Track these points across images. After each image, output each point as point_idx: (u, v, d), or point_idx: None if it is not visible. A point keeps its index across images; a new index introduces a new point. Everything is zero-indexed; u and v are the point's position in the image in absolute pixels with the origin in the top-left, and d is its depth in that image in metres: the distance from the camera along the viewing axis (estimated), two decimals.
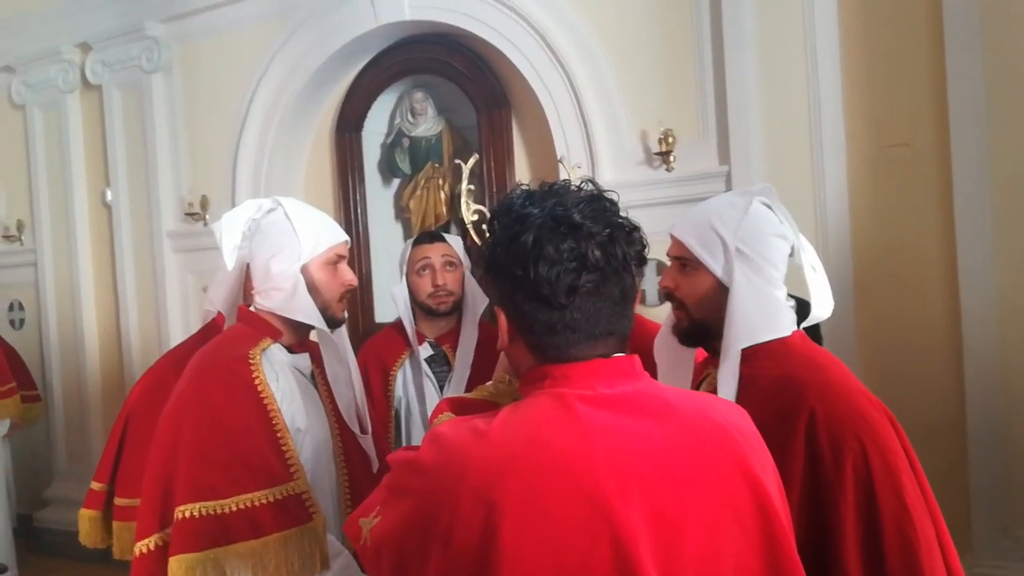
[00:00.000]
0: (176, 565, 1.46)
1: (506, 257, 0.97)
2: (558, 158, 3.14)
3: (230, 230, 1.76)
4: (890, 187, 2.82)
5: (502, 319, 1.02)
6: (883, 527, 1.19)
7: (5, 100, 4.92)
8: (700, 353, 1.55)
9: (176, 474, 1.52)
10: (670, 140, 3.14)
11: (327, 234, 1.74)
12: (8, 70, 4.85)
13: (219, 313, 1.89)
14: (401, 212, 4.19)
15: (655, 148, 3.18)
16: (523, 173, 3.67)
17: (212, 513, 1.47)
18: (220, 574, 1.47)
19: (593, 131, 3.32)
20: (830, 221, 2.87)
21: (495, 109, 3.70)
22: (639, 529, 0.85)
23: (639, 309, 2.20)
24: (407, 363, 2.31)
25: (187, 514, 1.48)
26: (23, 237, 4.97)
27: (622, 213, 1.00)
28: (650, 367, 1.52)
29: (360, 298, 4.02)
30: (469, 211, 2.71)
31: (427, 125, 4.05)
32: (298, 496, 1.55)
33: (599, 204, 0.97)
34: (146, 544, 1.52)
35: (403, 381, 2.31)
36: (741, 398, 1.30)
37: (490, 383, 1.20)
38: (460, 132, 4.02)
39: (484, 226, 2.47)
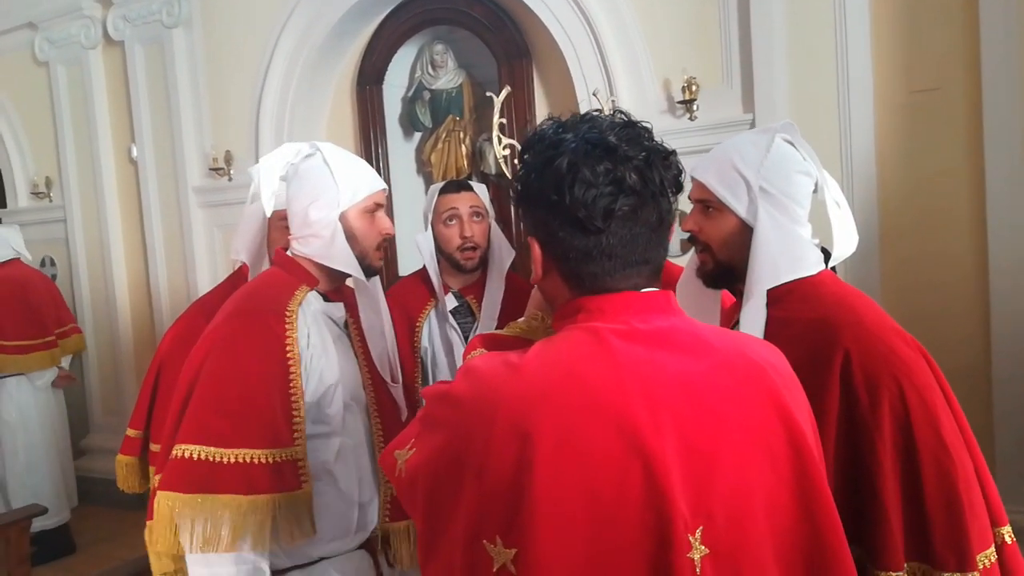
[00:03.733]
0: (164, 501, 1.49)
1: (540, 183, 0.95)
2: (592, 92, 3.09)
3: (268, 174, 1.76)
4: (918, 133, 2.77)
5: (535, 250, 1.00)
6: (921, 465, 1.19)
7: (28, 57, 4.94)
8: (727, 299, 1.54)
9: (186, 412, 1.54)
10: (693, 88, 3.09)
11: (366, 182, 1.72)
12: (31, 27, 4.86)
13: (244, 263, 1.91)
14: (422, 166, 4.19)
15: (678, 96, 3.14)
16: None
17: (209, 459, 1.49)
18: (203, 520, 1.48)
19: (615, 80, 3.28)
20: (856, 168, 2.83)
21: (516, 60, 3.65)
22: (671, 462, 0.85)
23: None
24: (432, 314, 2.31)
25: (184, 454, 1.50)
26: (52, 194, 5.05)
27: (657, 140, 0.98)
28: None
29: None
30: (500, 145, 2.69)
31: (447, 78, 4.02)
32: (294, 462, 1.55)
33: (633, 130, 0.96)
34: (159, 479, 1.56)
35: (429, 332, 2.31)
36: (772, 341, 1.27)
37: (522, 319, 1.19)
38: (481, 85, 3.99)
39: (515, 161, 2.45)
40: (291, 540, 1.55)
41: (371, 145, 4.08)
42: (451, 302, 2.30)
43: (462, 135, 3.99)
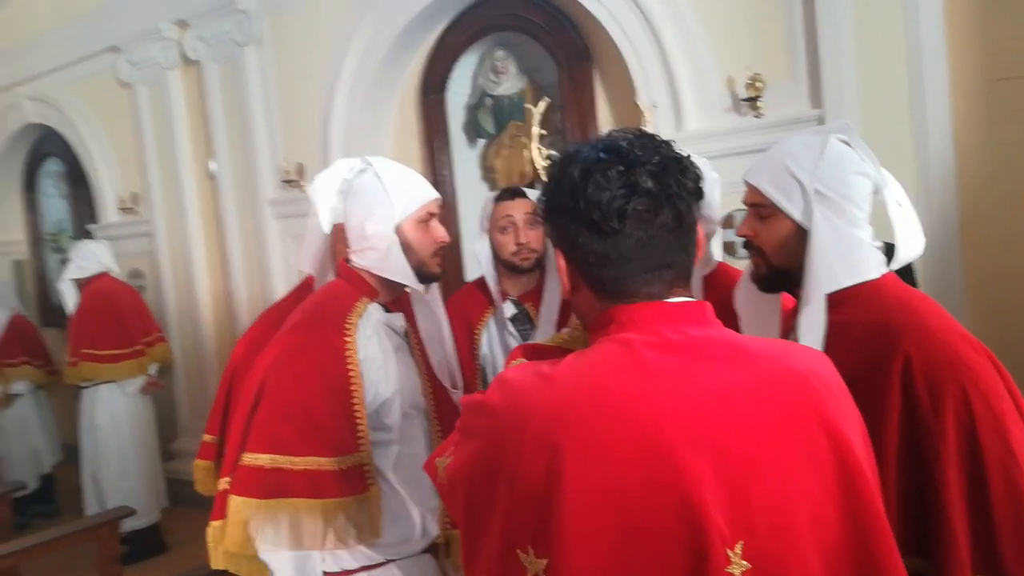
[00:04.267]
0: (237, 505, 1.57)
1: (558, 193, 0.98)
2: (635, 100, 3.09)
3: (324, 192, 1.81)
4: (999, 123, 2.63)
5: (560, 261, 1.02)
6: (988, 474, 1.14)
7: (112, 79, 5.20)
8: (789, 302, 1.51)
9: (254, 421, 1.61)
10: (758, 85, 3.02)
11: (418, 193, 1.77)
12: (114, 50, 5.12)
13: (310, 274, 1.97)
14: (487, 172, 4.23)
15: (742, 94, 3.07)
16: (606, 128, 3.63)
17: (279, 467, 1.57)
18: (274, 523, 1.56)
19: (677, 79, 3.24)
20: (933, 161, 2.71)
21: (576, 63, 3.65)
22: (705, 477, 0.84)
23: (729, 260, 2.18)
24: (491, 321, 2.34)
25: (255, 462, 1.58)
26: (138, 209, 5.30)
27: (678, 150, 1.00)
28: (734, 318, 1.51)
29: (448, 259, 4.09)
30: (541, 156, 2.70)
31: (509, 83, 4.05)
32: (360, 467, 1.62)
33: (649, 138, 0.98)
34: (226, 482, 1.64)
35: (488, 339, 2.34)
36: (831, 346, 1.25)
37: (566, 330, 1.20)
38: (543, 89, 3.99)
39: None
40: (359, 540, 1.61)
41: (435, 153, 4.14)
42: (510, 309, 2.33)
43: (525, 140, 4.01)
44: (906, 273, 2.30)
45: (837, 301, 1.30)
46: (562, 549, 0.84)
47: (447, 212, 4.13)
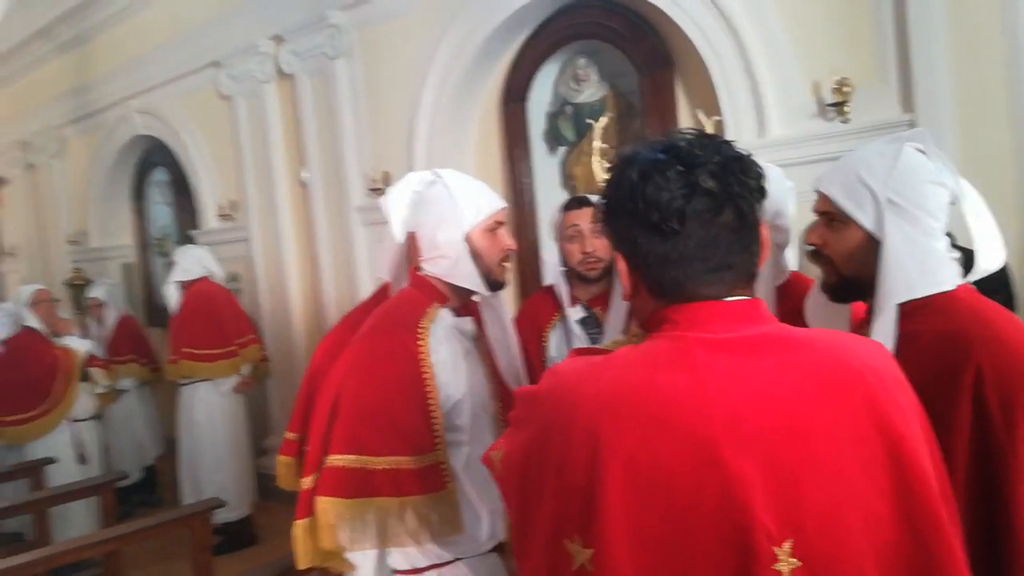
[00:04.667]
0: (325, 505, 1.64)
1: (617, 195, 0.99)
2: (693, 112, 3.06)
3: (396, 203, 1.90)
4: None
5: (620, 264, 1.02)
6: None
7: (214, 92, 5.49)
8: (859, 310, 1.48)
9: (335, 424, 1.68)
10: (845, 89, 2.93)
11: (486, 202, 1.83)
12: (215, 65, 5.39)
13: (386, 281, 2.05)
14: (567, 180, 4.25)
15: (828, 99, 2.98)
16: None
17: (362, 467, 1.63)
18: (361, 521, 1.63)
19: (760, 84, 3.18)
20: None
21: (657, 70, 3.63)
22: (751, 474, 0.84)
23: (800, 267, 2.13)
24: (559, 326, 2.37)
25: (339, 463, 1.64)
26: (236, 215, 5.57)
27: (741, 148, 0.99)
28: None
29: (527, 265, 4.14)
30: (603, 170, 2.72)
31: (590, 91, 4.05)
32: (437, 465, 1.67)
33: (709, 138, 0.97)
34: (309, 481, 1.71)
35: (556, 343, 2.37)
36: (901, 356, 1.20)
37: (624, 336, 1.22)
38: (624, 96, 3.99)
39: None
40: (438, 536, 1.67)
41: (515, 161, 4.19)
42: (578, 313, 2.35)
43: (606, 146, 4.01)
44: (1003, 284, 2.19)
45: (909, 311, 1.27)
46: (606, 540, 0.86)
47: (526, 219, 4.18)
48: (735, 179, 0.94)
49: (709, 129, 3.14)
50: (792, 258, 2.02)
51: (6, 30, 7.19)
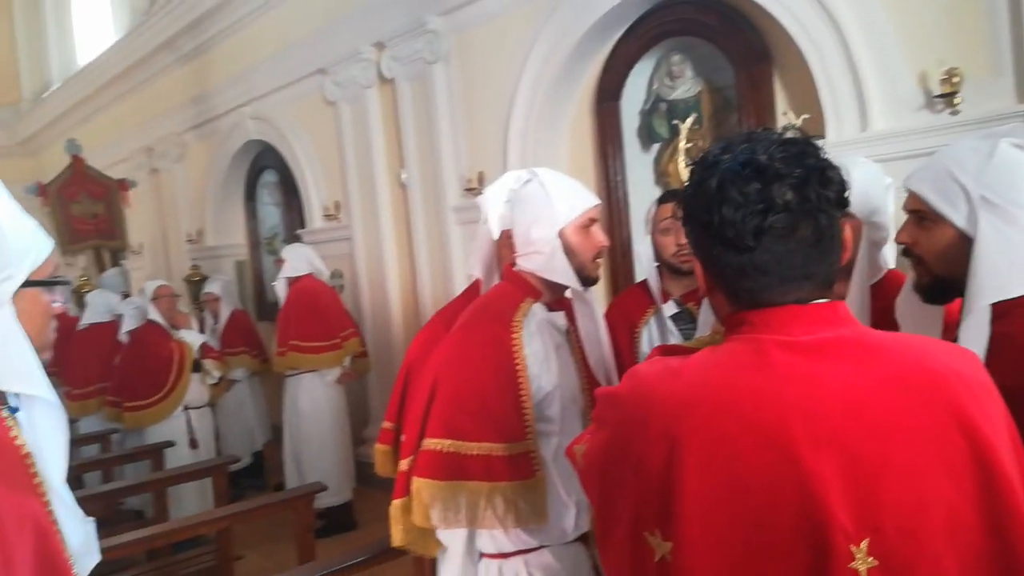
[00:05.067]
0: (420, 486, 1.72)
1: (694, 204, 1.00)
2: (780, 111, 2.99)
3: (493, 201, 1.98)
4: None
5: (698, 267, 1.04)
6: None
7: (320, 98, 5.74)
8: (954, 309, 1.43)
9: (431, 410, 1.76)
10: (954, 80, 2.81)
11: (579, 200, 1.88)
12: (321, 72, 5.64)
13: (478, 277, 2.12)
14: (661, 177, 4.23)
15: (936, 90, 2.87)
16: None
17: (456, 451, 1.70)
18: (455, 502, 1.70)
19: (863, 76, 3.08)
20: None
21: (754, 64, 3.57)
22: (828, 474, 0.85)
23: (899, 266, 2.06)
24: (652, 320, 2.37)
25: (435, 447, 1.72)
26: (339, 215, 5.81)
27: (828, 157, 0.98)
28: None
29: (619, 262, 4.15)
30: (687, 170, 2.69)
31: (685, 87, 4.02)
32: (527, 454, 1.73)
33: (794, 147, 0.96)
34: (406, 463, 1.80)
35: (648, 338, 2.37)
36: (993, 358, 1.19)
37: (707, 334, 1.24)
38: (720, 92, 3.94)
39: None
40: (525, 523, 1.72)
41: (608, 159, 4.20)
42: (671, 308, 2.35)
43: (701, 144, 3.97)
44: None
45: (1002, 312, 1.23)
46: (684, 534, 0.89)
47: (619, 217, 4.19)
48: (815, 192, 0.93)
49: (799, 126, 3.07)
50: (891, 256, 1.97)
51: (134, 44, 7.75)
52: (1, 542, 0.92)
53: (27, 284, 1.08)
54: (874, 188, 1.76)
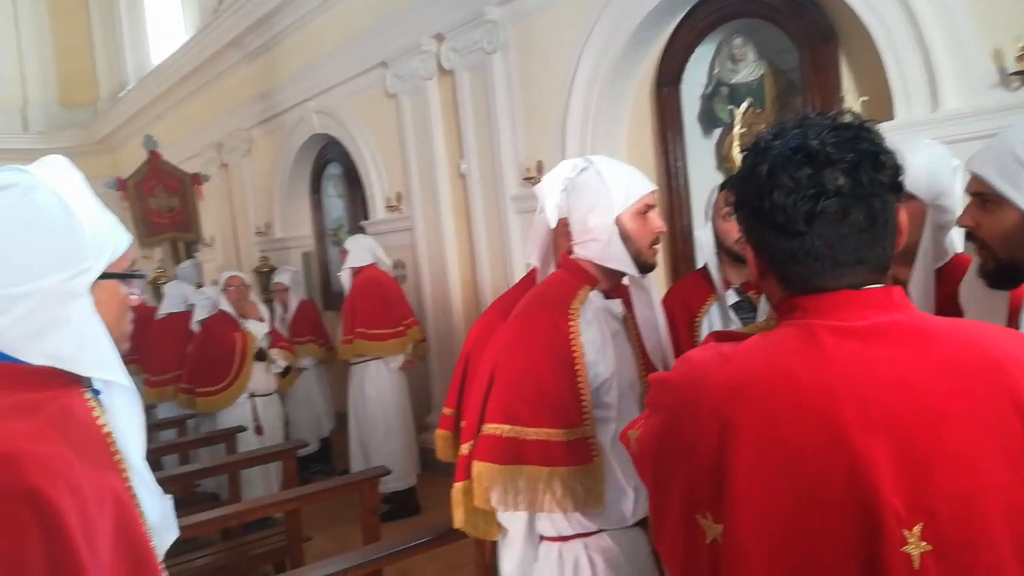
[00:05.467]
0: (480, 469, 1.76)
1: (746, 190, 1.00)
2: (839, 94, 2.90)
3: (550, 190, 1.99)
4: None
5: (749, 253, 1.05)
6: None
7: (381, 92, 5.83)
8: (1021, 294, 1.39)
9: (490, 395, 1.79)
10: None
11: (636, 186, 1.88)
12: (383, 65, 5.73)
13: (535, 266, 2.14)
14: (723, 162, 4.17)
15: (1011, 67, 2.75)
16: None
17: (514, 437, 1.73)
18: (514, 486, 1.73)
19: (933, 54, 2.97)
20: None
21: (819, 44, 3.48)
22: (880, 458, 0.85)
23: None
24: (713, 309, 2.35)
25: (494, 431, 1.75)
26: (401, 206, 5.90)
27: (884, 141, 0.97)
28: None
29: (679, 249, 4.12)
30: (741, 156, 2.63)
31: (747, 70, 3.95)
32: (585, 440, 1.74)
33: (847, 132, 0.95)
34: (467, 447, 1.84)
35: (708, 326, 2.35)
36: None
37: (762, 320, 1.24)
38: (784, 74, 3.86)
39: None
40: (583, 508, 1.75)
41: (668, 145, 4.16)
42: (732, 297, 2.32)
43: (762, 128, 3.89)
44: None
45: None
46: (736, 518, 0.90)
47: (679, 203, 4.15)
48: (867, 177, 0.93)
49: (858, 109, 2.98)
50: (958, 240, 1.91)
51: (203, 42, 8.00)
52: (83, 515, 0.99)
53: (105, 276, 1.13)
54: (940, 170, 1.71)
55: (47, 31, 11.82)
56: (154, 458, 4.56)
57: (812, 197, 0.93)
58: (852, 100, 3.08)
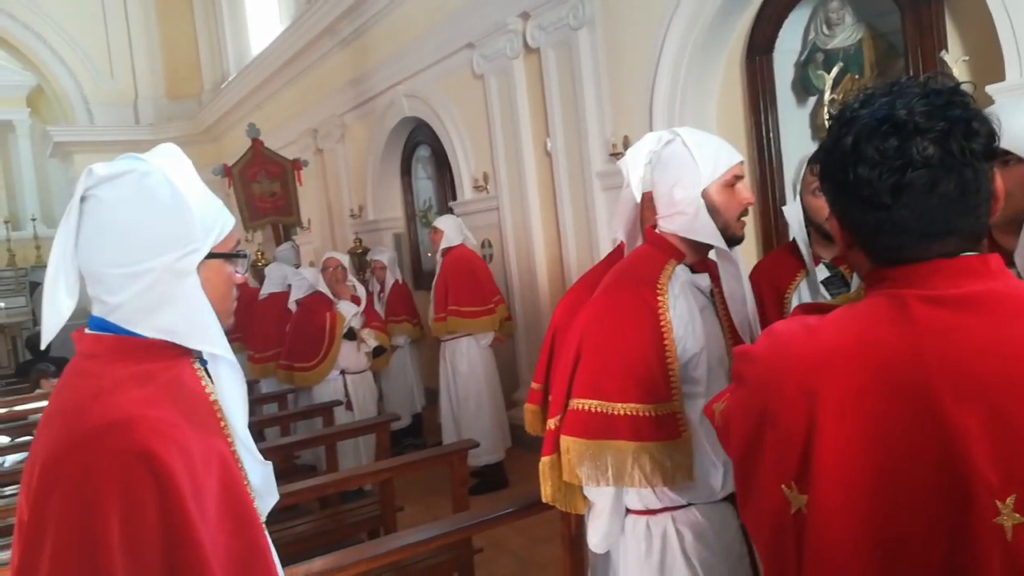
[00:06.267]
0: (568, 444, 1.77)
1: (831, 162, 0.98)
2: (940, 54, 2.73)
3: (635, 164, 1.96)
4: None
5: (834, 224, 1.02)
6: None
7: (468, 73, 5.88)
8: None
9: (578, 370, 1.80)
10: None
11: (723, 157, 1.83)
12: (470, 47, 5.77)
13: (621, 241, 2.13)
14: (817, 131, 4.01)
15: None
16: (960, 76, 3.22)
17: (602, 411, 1.73)
18: (602, 460, 1.73)
19: None
20: None
21: (923, 5, 3.30)
22: (972, 429, 0.83)
23: None
24: (802, 285, 2.28)
25: (582, 406, 1.76)
26: (487, 187, 5.96)
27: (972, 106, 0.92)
28: None
29: (774, 222, 4.00)
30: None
31: (844, 35, 3.79)
32: (673, 415, 1.73)
33: (938, 98, 0.91)
34: (554, 422, 1.85)
35: (798, 302, 2.29)
36: None
37: (853, 291, 1.21)
38: (884, 38, 3.67)
39: None
40: (672, 482, 1.74)
41: (761, 115, 4.04)
42: (823, 272, 2.25)
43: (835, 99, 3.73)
44: None
45: None
46: (820, 488, 0.89)
47: (771, 175, 4.03)
48: (958, 145, 0.89)
49: (956, 73, 2.81)
50: None
51: (298, 32, 8.26)
52: (192, 474, 1.07)
53: (211, 256, 1.21)
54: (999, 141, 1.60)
55: (155, 29, 12.50)
56: (257, 430, 4.83)
57: (898, 169, 0.90)
58: (952, 61, 2.90)
